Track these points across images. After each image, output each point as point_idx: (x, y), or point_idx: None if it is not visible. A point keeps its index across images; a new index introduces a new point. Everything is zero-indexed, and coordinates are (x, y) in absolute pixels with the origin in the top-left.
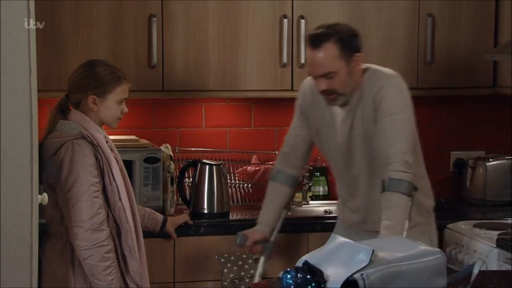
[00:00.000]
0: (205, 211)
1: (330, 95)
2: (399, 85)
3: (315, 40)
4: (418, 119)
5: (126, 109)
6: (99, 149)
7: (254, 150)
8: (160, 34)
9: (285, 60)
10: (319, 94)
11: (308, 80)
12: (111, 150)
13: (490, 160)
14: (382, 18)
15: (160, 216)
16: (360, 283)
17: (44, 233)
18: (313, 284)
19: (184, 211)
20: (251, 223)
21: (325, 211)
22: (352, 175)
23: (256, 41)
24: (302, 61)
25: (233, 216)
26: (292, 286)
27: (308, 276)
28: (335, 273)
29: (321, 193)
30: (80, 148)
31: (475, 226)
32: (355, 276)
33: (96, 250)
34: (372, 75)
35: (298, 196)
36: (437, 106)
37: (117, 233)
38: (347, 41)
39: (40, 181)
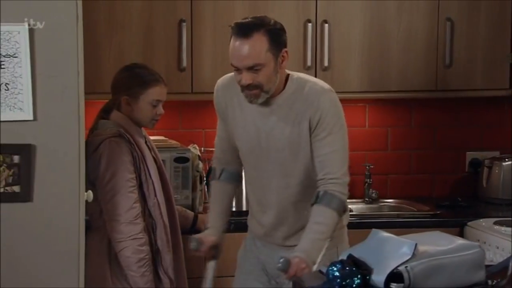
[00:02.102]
0: (233, 209)
1: (253, 90)
2: (336, 102)
3: (244, 30)
4: (436, 120)
5: (161, 111)
6: (136, 147)
7: None
8: (190, 38)
9: (309, 63)
10: (238, 91)
11: (221, 80)
12: (151, 149)
13: (506, 160)
14: (402, 22)
15: (191, 214)
16: (405, 275)
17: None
18: (358, 276)
19: None
20: None
21: None
22: (262, 182)
23: None
24: (326, 64)
25: None
26: (338, 279)
27: (354, 269)
28: (379, 266)
29: None
30: (118, 145)
31: (495, 223)
32: (400, 268)
33: (131, 243)
34: (306, 85)
35: None
36: (453, 107)
37: (152, 228)
38: (276, 34)
39: None
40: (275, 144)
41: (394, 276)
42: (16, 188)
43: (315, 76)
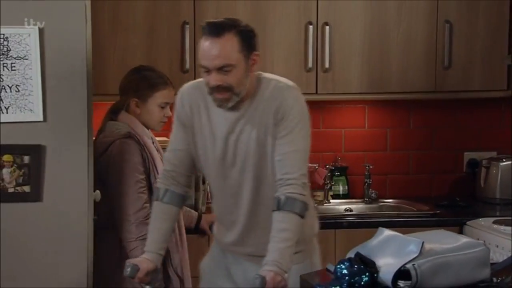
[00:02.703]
0: None
1: (223, 93)
2: (301, 99)
3: (215, 29)
4: (434, 121)
5: (169, 113)
6: (145, 148)
7: None
8: (193, 40)
9: (310, 65)
10: (204, 98)
11: (186, 87)
12: (158, 150)
13: (503, 160)
14: (402, 25)
15: (195, 214)
16: (413, 272)
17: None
18: (366, 274)
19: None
20: None
21: (346, 209)
22: (232, 190)
23: (283, 46)
24: (327, 65)
25: None
26: (347, 277)
27: (362, 267)
28: (387, 264)
29: (341, 192)
30: (128, 146)
31: (494, 222)
32: (407, 266)
33: (140, 243)
34: (270, 84)
35: (320, 195)
36: (451, 108)
37: None
38: (248, 36)
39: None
40: (243, 149)
41: (402, 273)
42: (26, 188)
43: (316, 78)
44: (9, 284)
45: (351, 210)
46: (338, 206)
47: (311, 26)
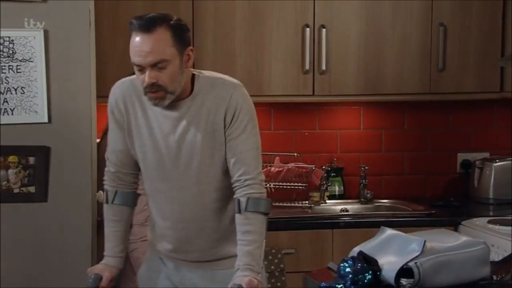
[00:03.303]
0: None
1: (158, 92)
2: (248, 97)
3: (146, 24)
4: (428, 123)
5: None
6: None
7: (274, 152)
8: (191, 42)
9: (307, 67)
10: (140, 95)
11: (118, 84)
12: None
13: (497, 161)
14: (397, 27)
15: None
16: (415, 270)
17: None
18: (370, 272)
19: None
20: (284, 221)
21: (342, 210)
22: (174, 194)
23: (280, 49)
24: (323, 67)
25: None
26: (350, 275)
27: (365, 265)
28: (389, 262)
29: (337, 193)
30: None
31: (489, 222)
32: (410, 264)
33: (141, 244)
34: (215, 82)
35: (316, 195)
36: (444, 110)
37: None
38: (181, 30)
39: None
40: (187, 150)
41: (404, 272)
42: (31, 189)
43: (313, 80)
44: (13, 283)
45: (347, 211)
46: (334, 206)
47: (308, 29)
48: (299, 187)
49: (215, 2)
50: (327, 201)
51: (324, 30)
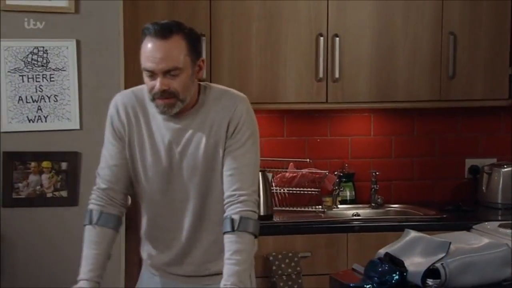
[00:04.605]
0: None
1: (169, 99)
2: (252, 112)
3: (163, 31)
4: (437, 129)
5: None
6: None
7: (286, 158)
8: (209, 52)
9: (321, 75)
10: (143, 108)
11: (120, 96)
12: None
13: (505, 166)
14: (408, 36)
15: None
16: (442, 271)
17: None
18: (397, 273)
19: None
20: (294, 225)
21: (353, 214)
22: (175, 205)
23: (295, 57)
24: (337, 75)
25: (276, 219)
26: (377, 276)
27: (392, 266)
28: (415, 263)
29: (348, 198)
30: None
31: (500, 226)
32: (436, 265)
33: None
34: (221, 94)
35: (329, 200)
36: (452, 117)
37: None
38: (195, 39)
39: None
40: (189, 163)
41: (430, 272)
42: (64, 193)
43: (327, 87)
44: (47, 284)
45: (358, 215)
46: (346, 211)
47: (321, 38)
48: (312, 192)
49: (232, 13)
50: (339, 205)
51: (337, 39)
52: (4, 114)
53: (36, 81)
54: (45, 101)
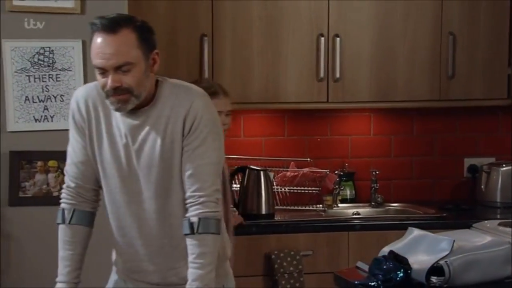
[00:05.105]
0: (254, 213)
1: (122, 95)
2: (212, 108)
3: (111, 25)
4: (436, 129)
5: (226, 121)
6: None
7: (287, 157)
8: (211, 52)
9: (322, 74)
10: (103, 101)
11: (81, 90)
12: None
13: (503, 166)
14: (408, 36)
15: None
16: (446, 269)
17: None
18: (401, 270)
19: (236, 213)
20: (295, 224)
21: (354, 213)
22: (134, 207)
23: (296, 57)
24: (337, 75)
25: (277, 217)
26: (382, 273)
27: (397, 263)
28: (419, 261)
29: (348, 196)
30: None
31: (499, 224)
32: (440, 262)
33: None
34: (177, 89)
35: (329, 199)
36: (451, 116)
37: None
38: (146, 32)
39: None
40: (145, 161)
41: (434, 270)
42: None
43: (327, 87)
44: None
45: (358, 214)
46: (347, 210)
47: (322, 38)
48: (313, 191)
49: (233, 13)
50: (340, 204)
51: (338, 39)
52: (10, 114)
53: (43, 81)
54: (51, 101)
